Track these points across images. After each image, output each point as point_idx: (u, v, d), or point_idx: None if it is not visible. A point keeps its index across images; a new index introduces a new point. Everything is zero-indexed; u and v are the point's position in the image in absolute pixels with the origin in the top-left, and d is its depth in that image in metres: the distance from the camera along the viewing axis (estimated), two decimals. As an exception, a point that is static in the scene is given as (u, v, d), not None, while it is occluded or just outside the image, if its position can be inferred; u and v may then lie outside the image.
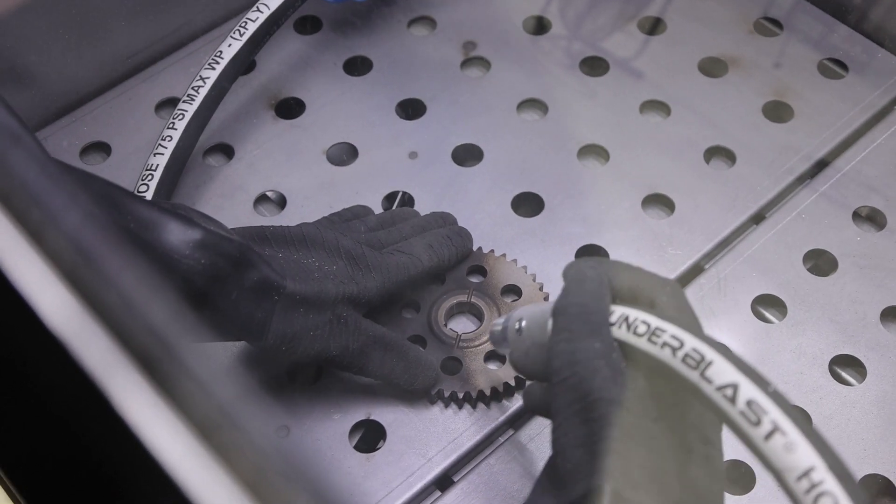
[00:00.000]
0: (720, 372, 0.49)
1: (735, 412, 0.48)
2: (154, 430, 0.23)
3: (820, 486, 0.45)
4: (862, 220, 0.84)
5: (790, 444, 0.46)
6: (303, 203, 0.85)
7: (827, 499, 0.44)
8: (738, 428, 0.48)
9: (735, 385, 0.48)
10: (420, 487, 0.70)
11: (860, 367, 0.76)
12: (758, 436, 0.47)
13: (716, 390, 0.49)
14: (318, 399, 0.74)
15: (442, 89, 0.93)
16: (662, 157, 0.87)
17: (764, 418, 0.47)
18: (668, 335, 0.52)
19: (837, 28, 0.95)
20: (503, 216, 0.84)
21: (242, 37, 0.84)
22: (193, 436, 0.22)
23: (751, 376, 0.49)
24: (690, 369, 0.50)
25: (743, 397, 0.48)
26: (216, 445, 0.23)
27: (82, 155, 0.89)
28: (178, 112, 0.81)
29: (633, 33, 0.97)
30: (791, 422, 0.47)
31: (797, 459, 0.46)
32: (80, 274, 0.24)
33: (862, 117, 0.89)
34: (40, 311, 0.24)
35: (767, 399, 0.48)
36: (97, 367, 0.23)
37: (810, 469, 0.45)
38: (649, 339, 0.53)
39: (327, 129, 0.90)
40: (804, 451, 0.46)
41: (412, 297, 0.77)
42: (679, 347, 0.51)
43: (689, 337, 0.51)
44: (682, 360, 0.51)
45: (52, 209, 0.26)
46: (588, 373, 0.53)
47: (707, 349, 0.50)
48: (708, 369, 0.50)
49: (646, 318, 0.53)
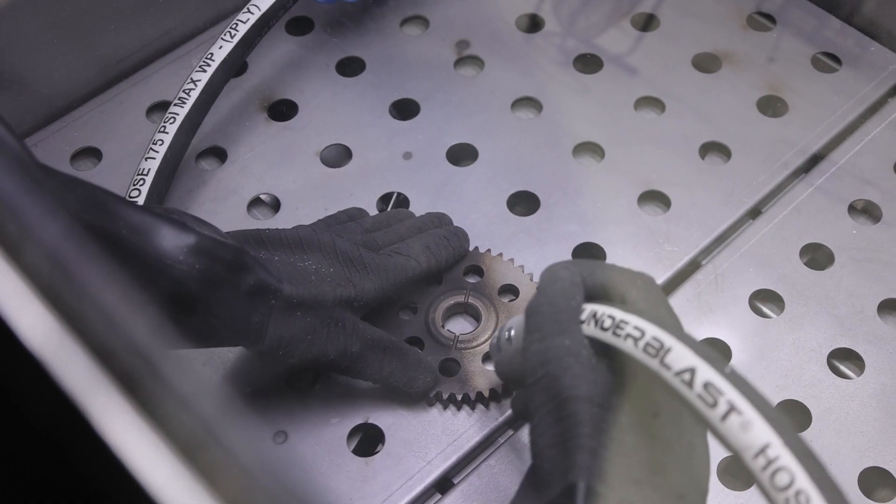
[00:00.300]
0: (678, 358, 0.50)
1: (693, 395, 0.49)
2: (136, 452, 0.22)
3: (776, 461, 0.45)
4: (858, 214, 0.84)
5: (746, 422, 0.46)
6: (297, 206, 0.84)
7: (783, 474, 0.45)
8: (696, 411, 0.49)
9: (693, 369, 0.49)
10: (420, 490, 0.70)
11: (858, 361, 0.75)
12: (715, 417, 0.48)
13: (674, 376, 0.50)
14: (316, 404, 0.73)
15: (435, 89, 0.92)
16: (658, 154, 0.87)
17: (720, 399, 0.48)
18: (631, 326, 0.53)
19: (830, 22, 0.95)
20: (499, 215, 0.83)
21: (233, 38, 0.84)
22: (177, 457, 0.22)
23: (708, 360, 0.49)
24: (651, 357, 0.51)
25: (700, 380, 0.49)
26: (200, 466, 0.22)
27: (73, 160, 0.88)
28: (169, 115, 0.81)
29: (626, 30, 0.96)
30: (747, 401, 0.47)
31: (753, 437, 0.46)
32: (59, 290, 0.23)
33: (856, 110, 0.89)
34: (18, 330, 0.23)
35: (724, 380, 0.48)
36: (77, 387, 0.23)
37: (766, 446, 0.46)
38: (614, 333, 0.53)
39: (321, 131, 0.89)
40: (759, 429, 0.46)
41: (409, 299, 0.76)
42: (640, 337, 0.52)
43: (649, 326, 0.52)
44: (644, 349, 0.51)
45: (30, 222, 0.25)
46: (559, 370, 0.54)
47: (666, 336, 0.51)
48: (667, 356, 0.50)
49: (612, 312, 0.54)
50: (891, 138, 0.87)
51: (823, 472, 0.45)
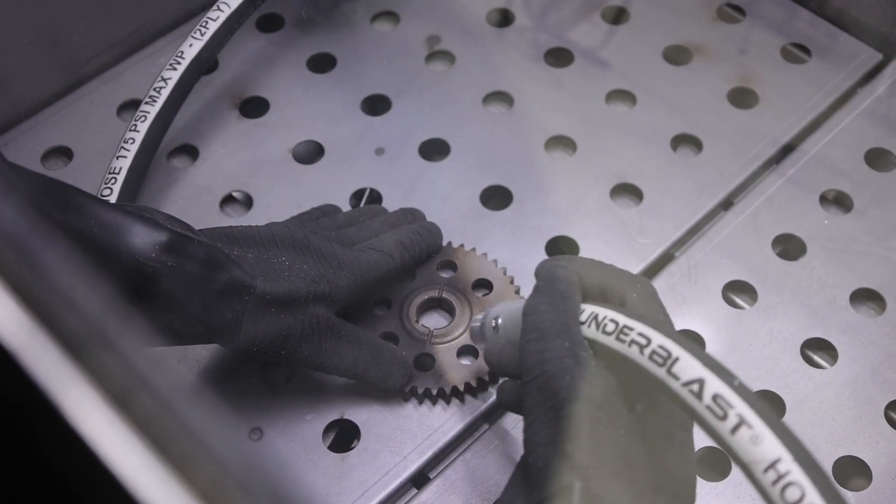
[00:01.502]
0: (686, 368, 0.50)
1: (702, 407, 0.49)
2: (108, 444, 0.22)
3: (786, 476, 0.45)
4: (829, 204, 0.84)
5: (756, 436, 0.47)
6: (270, 203, 0.84)
7: (794, 489, 0.45)
8: (705, 423, 0.49)
9: (701, 381, 0.49)
10: (396, 485, 0.70)
11: (831, 350, 0.76)
12: (724, 430, 0.48)
13: (682, 386, 0.50)
14: (291, 400, 0.73)
15: (407, 84, 0.92)
16: (630, 147, 0.87)
17: (730, 412, 0.48)
18: (636, 333, 0.53)
19: (800, 13, 0.96)
20: (472, 210, 0.83)
21: (203, 36, 0.83)
22: (149, 448, 0.22)
23: (717, 371, 0.49)
24: (657, 366, 0.51)
25: (709, 392, 0.49)
26: (172, 457, 0.22)
27: (44, 159, 0.88)
28: (140, 114, 0.81)
29: (597, 23, 0.97)
30: (757, 415, 0.47)
31: (763, 451, 0.46)
32: (28, 284, 0.23)
33: (826, 101, 0.89)
34: (-11, 323, 0.23)
35: (733, 393, 0.48)
36: (49, 379, 0.22)
37: (777, 461, 0.46)
38: (617, 338, 0.53)
39: (292, 128, 0.89)
40: (770, 443, 0.46)
41: (383, 295, 0.76)
42: (646, 345, 0.52)
43: (655, 334, 0.52)
44: (650, 357, 0.51)
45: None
46: (557, 371, 0.54)
47: (673, 346, 0.51)
48: (674, 366, 0.50)
49: (614, 316, 0.54)
50: (861, 128, 0.87)
51: (832, 486, 0.46)
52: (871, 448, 0.71)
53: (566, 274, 0.59)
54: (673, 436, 0.55)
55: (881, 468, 0.70)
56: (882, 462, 0.70)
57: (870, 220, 0.82)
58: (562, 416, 0.53)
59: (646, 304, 0.58)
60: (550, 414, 0.54)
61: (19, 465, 0.24)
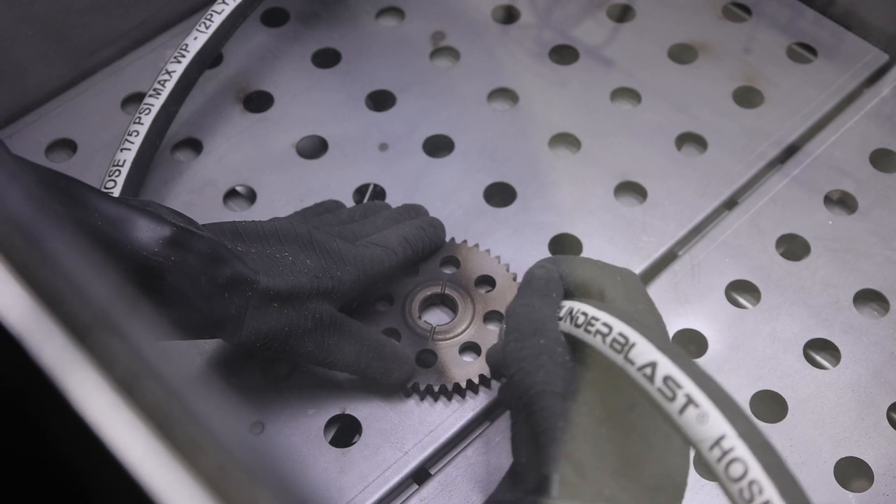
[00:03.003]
0: (641, 353, 0.51)
1: (654, 390, 0.50)
2: (113, 428, 0.22)
3: (730, 453, 0.46)
4: (833, 204, 0.84)
5: (702, 414, 0.47)
6: (273, 197, 0.84)
7: (737, 465, 0.45)
8: (657, 405, 0.50)
9: (654, 364, 0.50)
10: (397, 481, 0.70)
11: (834, 351, 0.76)
12: (674, 410, 0.48)
13: (637, 371, 0.51)
14: (292, 395, 0.73)
15: (411, 80, 0.92)
16: (634, 145, 0.87)
17: (678, 392, 0.48)
18: (601, 323, 0.54)
19: (805, 13, 0.95)
20: (475, 206, 0.83)
21: (208, 29, 0.83)
22: (153, 433, 0.22)
23: (669, 354, 0.50)
24: (616, 353, 0.52)
25: (660, 375, 0.50)
26: (177, 442, 0.22)
27: (48, 152, 0.88)
28: (144, 107, 0.80)
29: (602, 21, 0.96)
30: (704, 394, 0.48)
31: (709, 429, 0.47)
32: (34, 269, 0.23)
33: (831, 101, 0.89)
34: (-6, 307, 0.23)
35: (683, 374, 0.49)
36: (54, 364, 0.22)
37: (721, 437, 0.46)
38: (585, 329, 0.55)
39: (296, 122, 0.89)
40: (715, 421, 0.47)
41: (386, 290, 0.76)
42: (608, 333, 0.53)
43: (617, 322, 0.53)
44: (610, 345, 0.52)
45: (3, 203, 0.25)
46: (532, 368, 0.56)
47: (631, 332, 0.52)
48: (630, 351, 0.51)
49: (585, 308, 0.56)
50: (866, 129, 0.87)
51: (778, 461, 0.46)
52: (873, 449, 0.71)
53: (544, 273, 0.61)
54: (656, 432, 0.56)
55: (883, 469, 0.70)
56: (884, 463, 0.70)
57: (874, 221, 0.82)
58: (537, 409, 0.54)
59: (625, 295, 0.59)
60: (527, 409, 0.55)
61: (24, 449, 0.24)
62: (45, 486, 0.24)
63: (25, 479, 0.25)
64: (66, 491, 0.24)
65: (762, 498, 0.45)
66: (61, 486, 0.24)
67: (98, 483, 0.23)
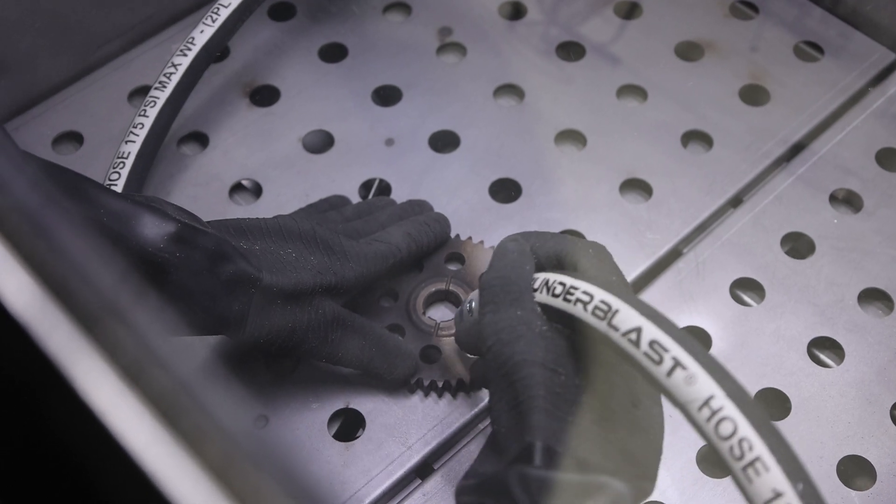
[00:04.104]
0: (625, 319, 0.51)
1: (640, 354, 0.50)
2: (119, 416, 0.22)
3: (720, 412, 0.47)
4: (839, 203, 0.84)
5: (690, 376, 0.48)
6: (279, 191, 0.84)
7: (727, 424, 0.46)
8: (643, 369, 0.50)
9: (639, 329, 0.50)
10: (400, 475, 0.70)
11: (838, 349, 0.76)
12: (661, 373, 0.49)
13: (622, 336, 0.51)
14: (296, 389, 0.73)
15: (418, 75, 0.92)
16: (640, 142, 0.87)
17: (665, 356, 0.49)
18: (581, 292, 0.54)
19: (812, 11, 0.95)
20: (481, 202, 0.83)
21: (215, 23, 0.83)
22: (159, 421, 0.22)
23: (654, 319, 0.51)
24: (599, 320, 0.52)
25: (646, 339, 0.50)
26: (182, 430, 0.22)
27: (54, 145, 0.88)
28: (149, 99, 0.81)
29: (609, 18, 0.96)
30: (691, 356, 0.48)
31: (697, 390, 0.47)
32: (42, 257, 0.23)
33: (838, 100, 0.89)
34: (1, 295, 0.23)
35: (668, 338, 0.50)
36: (60, 352, 0.22)
37: (710, 398, 0.47)
38: (564, 298, 0.55)
39: (303, 117, 0.89)
40: (703, 382, 0.47)
41: (390, 286, 0.76)
42: (589, 301, 0.53)
43: (597, 291, 0.53)
44: (592, 312, 0.53)
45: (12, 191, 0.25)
46: (511, 338, 0.56)
47: (613, 299, 0.52)
48: (615, 318, 0.52)
49: (563, 279, 0.56)
50: (872, 128, 0.87)
51: (766, 419, 0.47)
52: (876, 448, 0.71)
53: (516, 246, 0.61)
54: (636, 402, 0.56)
55: (886, 468, 0.70)
56: (887, 462, 0.70)
57: (879, 220, 0.82)
58: (516, 379, 0.55)
59: (598, 267, 0.60)
60: (506, 379, 0.56)
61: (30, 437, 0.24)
62: (51, 475, 0.25)
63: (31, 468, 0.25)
64: (71, 479, 0.24)
65: (752, 454, 0.46)
66: (67, 475, 0.24)
67: (103, 471, 0.23)
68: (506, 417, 0.55)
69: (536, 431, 0.53)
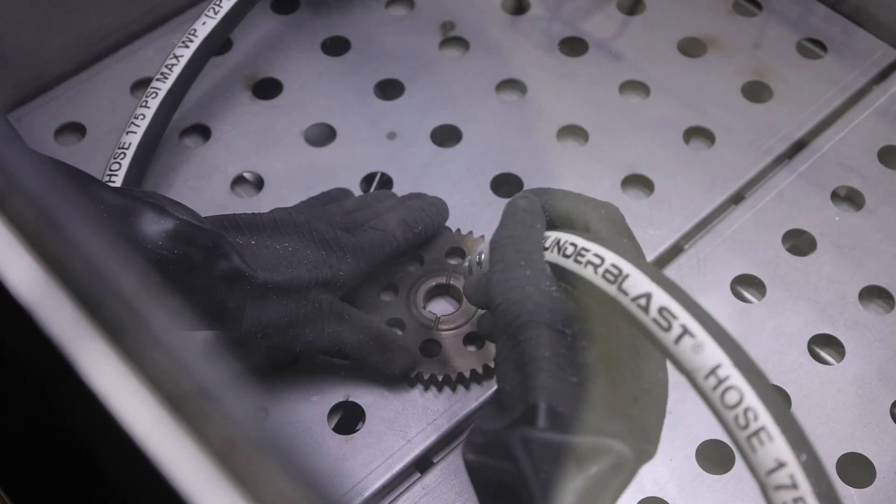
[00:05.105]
0: (635, 284, 0.51)
1: (648, 320, 0.50)
2: (122, 400, 0.22)
3: (726, 381, 0.47)
4: (840, 201, 0.84)
5: (698, 344, 0.48)
6: (280, 184, 0.84)
7: (733, 393, 0.46)
8: (651, 335, 0.50)
9: (649, 294, 0.50)
10: (400, 468, 0.70)
11: (839, 347, 0.76)
12: (669, 340, 0.49)
13: (631, 301, 0.51)
14: (297, 381, 0.73)
15: (420, 70, 0.92)
16: (642, 138, 0.87)
17: (674, 323, 0.49)
18: (592, 254, 0.54)
19: (816, 8, 0.95)
20: (482, 197, 0.83)
21: (217, 15, 0.83)
22: (162, 405, 0.22)
23: (664, 286, 0.51)
24: (609, 284, 0.52)
25: (655, 305, 0.50)
26: (186, 414, 0.22)
27: (57, 136, 0.88)
28: (151, 90, 0.81)
29: (612, 14, 0.96)
30: (700, 325, 0.48)
31: (704, 359, 0.47)
32: (45, 241, 0.23)
33: (840, 98, 0.89)
34: (5, 278, 0.23)
35: (678, 305, 0.49)
36: (64, 335, 0.22)
37: (717, 367, 0.47)
38: (575, 260, 0.55)
39: (305, 110, 0.89)
40: (711, 351, 0.47)
41: (391, 280, 0.76)
42: (600, 264, 0.53)
43: (609, 254, 0.53)
44: (603, 275, 0.53)
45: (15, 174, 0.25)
46: (519, 298, 0.56)
47: (625, 264, 0.52)
48: (624, 282, 0.51)
49: (574, 239, 0.56)
50: (874, 126, 0.87)
51: (771, 390, 0.47)
52: (875, 445, 0.71)
53: (527, 204, 0.61)
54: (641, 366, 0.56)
55: (885, 466, 0.70)
56: (886, 460, 0.70)
57: (881, 218, 0.82)
58: (523, 339, 0.55)
59: (610, 228, 0.60)
60: (513, 339, 0.55)
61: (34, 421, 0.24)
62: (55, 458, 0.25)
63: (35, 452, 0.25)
64: (74, 462, 0.24)
65: (757, 424, 0.46)
66: (70, 458, 0.24)
67: (107, 455, 0.23)
68: (511, 376, 0.55)
69: (540, 392, 0.53)
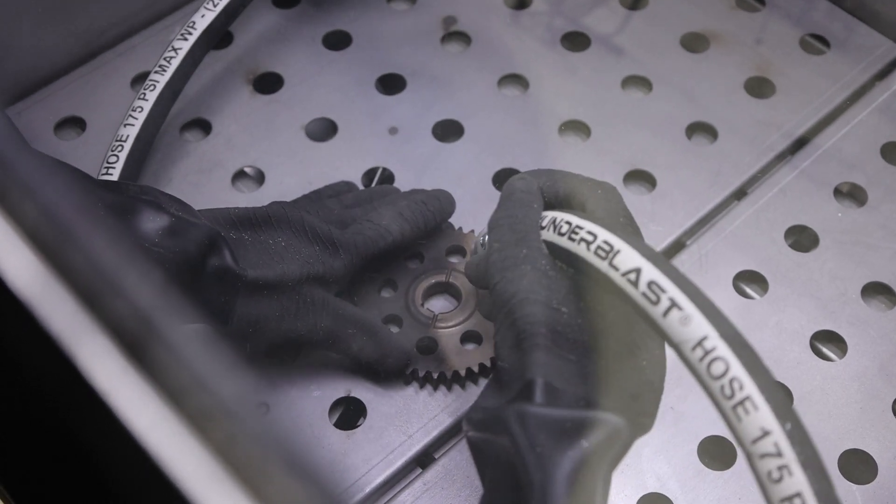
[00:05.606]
0: (626, 259, 0.52)
1: (638, 294, 0.51)
2: (122, 396, 0.22)
3: (712, 352, 0.48)
4: (843, 197, 0.84)
5: (685, 317, 0.49)
6: (282, 179, 0.84)
7: (719, 363, 0.47)
8: (640, 309, 0.51)
9: (638, 269, 0.51)
10: (401, 464, 0.70)
11: (840, 343, 0.75)
12: (657, 313, 0.50)
13: (621, 276, 0.52)
14: (298, 376, 0.73)
15: (422, 64, 0.92)
16: (644, 134, 0.87)
17: (662, 297, 0.50)
18: (585, 231, 0.55)
19: (818, 4, 0.95)
20: (484, 192, 0.83)
21: (216, 7, 0.83)
22: (163, 401, 0.22)
23: (654, 260, 0.51)
24: (601, 260, 0.53)
25: (644, 280, 0.51)
26: (187, 410, 0.22)
27: (56, 130, 0.87)
28: (149, 83, 0.80)
29: (614, 9, 0.96)
30: (687, 298, 0.49)
31: (691, 331, 0.48)
32: (44, 235, 0.23)
33: (843, 94, 0.89)
34: (5, 273, 0.23)
35: (666, 279, 0.50)
36: (64, 331, 0.22)
37: (703, 338, 0.48)
38: (569, 237, 0.56)
39: (306, 105, 0.89)
40: (698, 323, 0.48)
41: (390, 277, 0.76)
42: (592, 241, 0.54)
43: (601, 231, 0.54)
44: (595, 252, 0.54)
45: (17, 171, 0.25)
46: (516, 276, 0.57)
47: (615, 239, 0.53)
48: (615, 258, 0.53)
49: (569, 218, 0.57)
50: (877, 122, 0.87)
51: (757, 360, 0.48)
52: (877, 441, 0.71)
53: (524, 185, 0.62)
54: (637, 341, 0.57)
55: (887, 462, 0.70)
56: (888, 456, 0.70)
57: (883, 215, 0.82)
58: (517, 318, 0.55)
59: (606, 207, 0.60)
60: (510, 317, 0.56)
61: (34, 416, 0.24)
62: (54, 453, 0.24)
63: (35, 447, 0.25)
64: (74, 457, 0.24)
65: (742, 394, 0.46)
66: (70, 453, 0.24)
67: (106, 450, 0.23)
68: (508, 354, 0.56)
69: (536, 368, 0.54)
